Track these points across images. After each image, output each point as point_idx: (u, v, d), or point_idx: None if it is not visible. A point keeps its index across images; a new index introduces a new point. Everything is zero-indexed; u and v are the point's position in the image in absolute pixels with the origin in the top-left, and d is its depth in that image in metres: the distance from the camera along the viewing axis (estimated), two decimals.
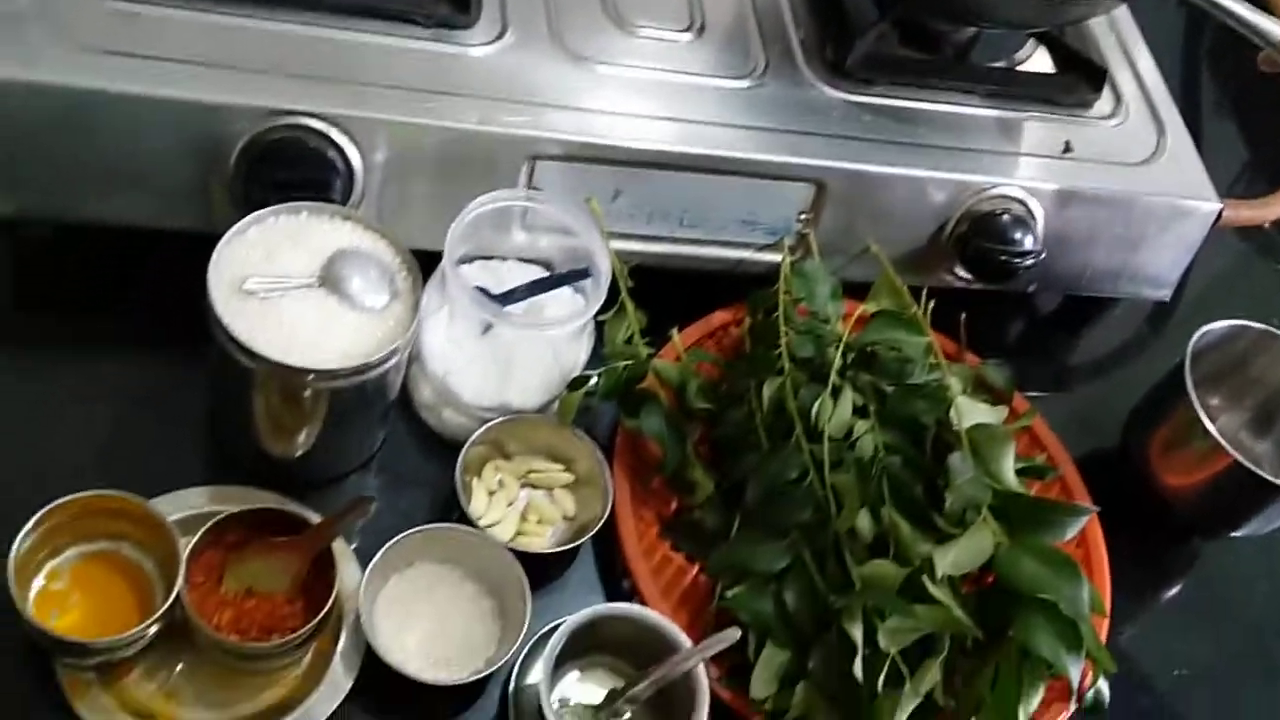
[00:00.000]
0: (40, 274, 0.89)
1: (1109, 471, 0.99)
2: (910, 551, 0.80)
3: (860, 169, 0.91)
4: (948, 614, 0.78)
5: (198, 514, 0.78)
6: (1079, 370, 1.09)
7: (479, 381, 0.85)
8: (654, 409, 0.86)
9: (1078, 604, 0.78)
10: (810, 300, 0.91)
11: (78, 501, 0.72)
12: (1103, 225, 0.98)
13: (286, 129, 0.80)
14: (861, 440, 0.84)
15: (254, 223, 0.77)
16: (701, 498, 0.87)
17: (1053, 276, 1.01)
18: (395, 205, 0.85)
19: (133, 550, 0.76)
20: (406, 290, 0.78)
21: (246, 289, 0.74)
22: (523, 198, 0.86)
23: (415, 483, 0.86)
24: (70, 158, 0.79)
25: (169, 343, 0.86)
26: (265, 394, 0.76)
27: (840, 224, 0.94)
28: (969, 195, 0.94)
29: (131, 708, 0.72)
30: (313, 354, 0.74)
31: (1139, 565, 0.97)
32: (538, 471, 0.87)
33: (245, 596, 0.75)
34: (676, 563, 0.86)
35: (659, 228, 0.91)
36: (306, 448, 0.80)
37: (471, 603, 0.80)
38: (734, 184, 0.90)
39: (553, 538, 0.86)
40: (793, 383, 0.85)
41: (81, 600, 0.74)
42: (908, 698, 0.78)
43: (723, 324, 0.96)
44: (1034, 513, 0.83)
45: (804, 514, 0.81)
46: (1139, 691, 0.92)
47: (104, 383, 0.84)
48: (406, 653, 0.77)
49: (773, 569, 0.81)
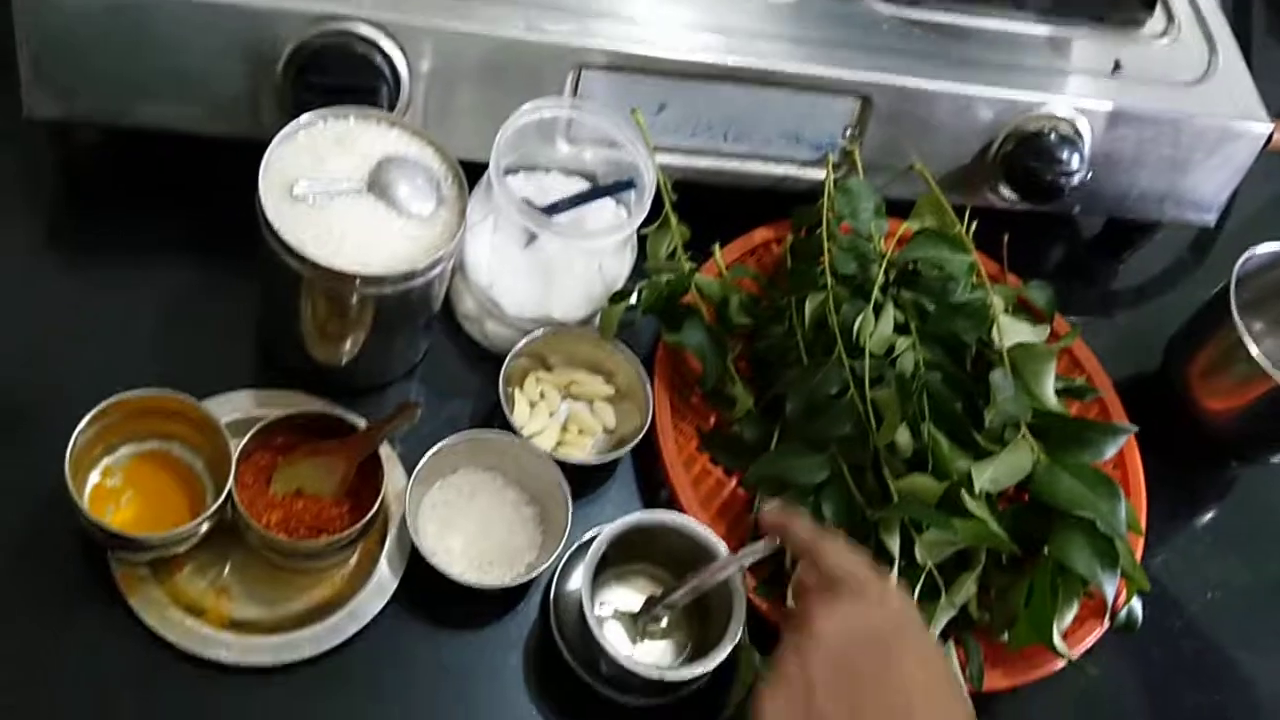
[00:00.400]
0: (92, 178, 0.90)
1: (1148, 395, 0.99)
2: (949, 467, 0.81)
3: (907, 84, 0.90)
4: (985, 528, 0.79)
5: (246, 417, 0.79)
6: (1121, 294, 1.09)
7: (522, 293, 0.86)
8: (695, 324, 0.86)
9: (1115, 521, 0.79)
10: (853, 217, 0.91)
11: (133, 400, 0.74)
12: (1150, 146, 0.97)
13: (334, 35, 0.79)
14: (902, 357, 0.84)
15: (302, 127, 0.77)
16: (741, 412, 0.87)
17: (1098, 198, 1.00)
18: (440, 114, 0.85)
19: (184, 450, 0.77)
20: (453, 198, 0.78)
21: (296, 193, 0.74)
22: (568, 108, 0.85)
23: (458, 393, 0.87)
24: (121, 63, 0.79)
25: (218, 247, 0.87)
26: (312, 299, 0.77)
27: (885, 140, 0.93)
28: (1016, 113, 0.93)
29: (183, 602, 0.74)
30: (360, 259, 0.74)
31: (1175, 488, 0.97)
32: (579, 384, 0.88)
33: (293, 498, 0.77)
34: (715, 475, 0.87)
35: (703, 141, 0.91)
36: (352, 355, 0.81)
37: (513, 509, 0.81)
38: (780, 97, 0.89)
39: (593, 449, 0.87)
40: (835, 299, 0.85)
41: (135, 498, 0.75)
42: (943, 610, 0.79)
43: (764, 241, 0.96)
44: (1073, 432, 0.84)
45: (843, 428, 0.82)
46: (1171, 612, 0.92)
47: (154, 286, 0.85)
48: (450, 556, 0.79)
49: (811, 482, 0.81)
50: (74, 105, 0.81)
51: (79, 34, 0.77)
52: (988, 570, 0.82)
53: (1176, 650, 0.91)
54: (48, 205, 0.88)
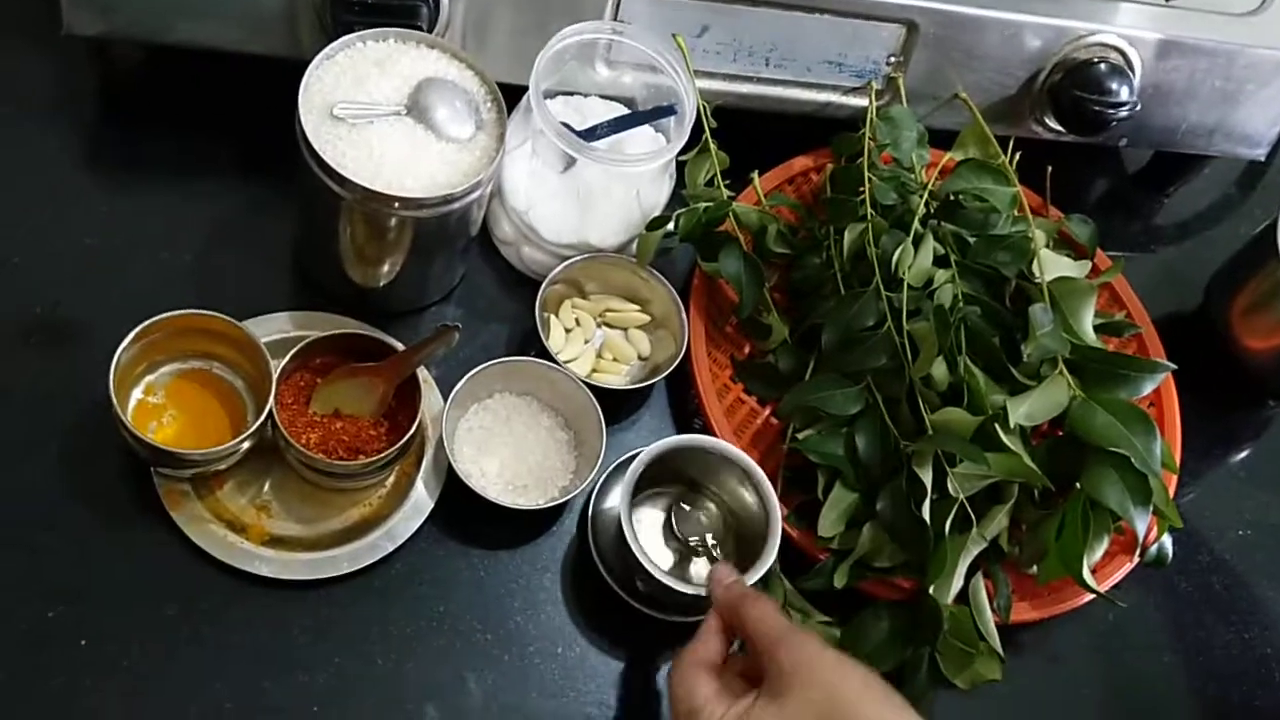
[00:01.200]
0: (131, 96, 0.90)
1: (1188, 332, 0.98)
2: (984, 401, 0.80)
3: (954, 10, 0.89)
4: (1019, 462, 0.78)
5: (285, 337, 0.80)
6: (1165, 229, 1.07)
7: (559, 218, 0.85)
8: (732, 251, 0.85)
9: (1149, 458, 0.79)
10: (895, 147, 0.90)
11: (175, 319, 0.74)
12: (1202, 78, 0.95)
13: None
14: (941, 289, 0.84)
15: (342, 48, 0.76)
16: (776, 342, 0.87)
17: (1146, 131, 0.98)
18: (479, 35, 0.84)
19: (224, 370, 0.78)
20: (492, 122, 0.78)
21: (335, 115, 0.74)
22: (608, 31, 0.84)
23: (494, 318, 0.88)
24: None
25: (258, 168, 0.87)
26: (351, 221, 0.77)
27: (930, 68, 0.91)
28: (1066, 42, 0.91)
29: (224, 518, 0.76)
30: (399, 182, 0.74)
31: (1211, 425, 0.96)
32: (614, 311, 0.88)
33: (332, 418, 0.78)
34: (748, 405, 0.87)
35: (745, 67, 0.90)
36: (390, 277, 0.81)
37: (548, 434, 0.82)
38: (823, 23, 0.88)
39: (627, 376, 0.87)
40: (874, 230, 0.85)
41: (177, 415, 0.76)
42: (974, 542, 0.79)
43: (803, 170, 0.95)
44: (1110, 367, 0.83)
45: (879, 360, 0.81)
46: (1200, 548, 0.92)
47: (194, 204, 0.86)
48: (486, 478, 0.80)
49: (845, 413, 0.82)
50: (113, 22, 0.81)
51: None
52: (1019, 504, 0.82)
53: (1206, 586, 0.91)
54: (88, 123, 0.88)
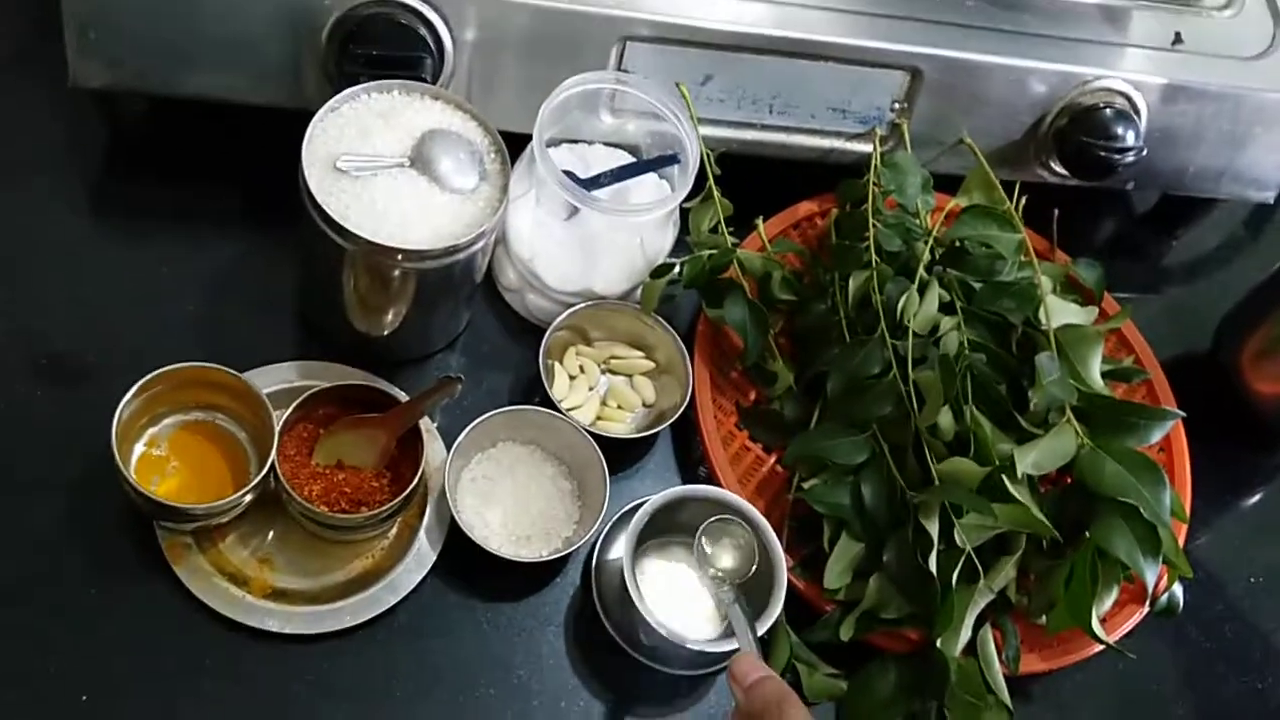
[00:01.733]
0: (138, 147, 0.90)
1: (1198, 376, 0.98)
2: (991, 450, 0.80)
3: (959, 57, 0.89)
4: (1026, 513, 0.78)
5: (289, 388, 0.80)
6: (1173, 272, 1.07)
7: (564, 266, 0.85)
8: (737, 298, 0.85)
9: (1159, 508, 0.78)
10: (900, 193, 0.90)
11: (178, 372, 0.74)
12: (1210, 122, 0.94)
13: (378, 5, 0.79)
14: (946, 337, 0.83)
15: (347, 100, 0.77)
16: (781, 389, 0.87)
17: (1153, 174, 0.98)
18: (484, 86, 0.85)
19: (227, 421, 0.78)
20: (495, 172, 0.78)
21: (339, 167, 0.74)
22: (612, 80, 0.84)
23: (499, 365, 0.87)
24: (166, 31, 0.79)
25: (262, 217, 0.87)
26: (355, 272, 0.77)
27: (934, 114, 0.91)
28: (1071, 87, 0.91)
29: (226, 571, 0.75)
30: (403, 234, 0.74)
31: (1221, 471, 0.95)
32: (619, 358, 0.88)
33: (335, 469, 0.77)
34: (754, 452, 0.87)
35: (749, 114, 0.90)
36: (394, 326, 0.81)
37: (552, 483, 0.82)
38: (827, 70, 0.88)
39: (632, 423, 0.87)
40: (879, 276, 0.84)
41: (180, 467, 0.76)
42: (981, 594, 0.79)
43: (808, 215, 0.95)
44: (1119, 415, 0.82)
45: (885, 409, 0.81)
46: (1213, 596, 0.91)
47: (199, 254, 0.86)
48: (489, 529, 0.79)
49: (851, 462, 0.81)
50: (120, 74, 0.81)
51: (124, 4, 0.78)
52: (1027, 554, 0.81)
53: (1218, 635, 0.90)
54: (93, 174, 0.88)
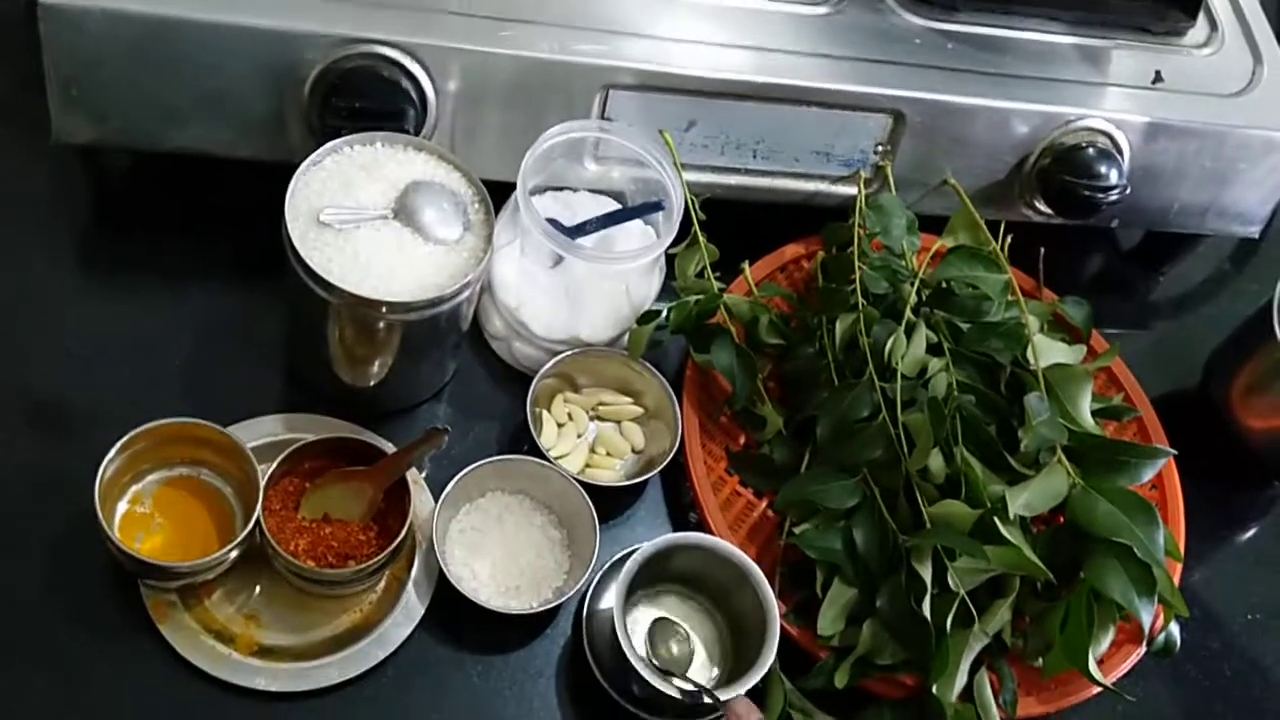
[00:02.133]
0: (122, 201, 0.90)
1: (1188, 412, 0.97)
2: (982, 492, 0.79)
3: (941, 99, 0.89)
4: (1019, 555, 0.77)
5: (274, 441, 0.80)
6: (1160, 308, 1.07)
7: (550, 314, 0.85)
8: (724, 343, 0.85)
9: (1153, 548, 0.78)
10: (885, 235, 0.90)
11: (161, 428, 0.74)
12: (1192, 159, 0.95)
13: (360, 57, 0.79)
14: (935, 378, 0.83)
15: (329, 153, 0.77)
16: (770, 433, 0.87)
17: (1137, 212, 0.98)
18: (468, 135, 0.85)
19: (212, 476, 0.78)
20: (479, 222, 0.78)
21: (323, 220, 0.74)
22: (595, 128, 0.85)
23: (486, 413, 0.87)
24: (149, 87, 0.79)
25: (247, 269, 0.87)
26: (340, 324, 0.77)
27: (918, 156, 0.92)
28: (1053, 127, 0.91)
29: (212, 629, 0.74)
30: (387, 286, 0.74)
31: (1215, 507, 0.95)
32: (607, 404, 0.87)
33: (321, 523, 0.77)
34: (745, 498, 0.86)
35: (733, 159, 0.90)
36: (380, 377, 0.81)
37: (541, 533, 0.81)
38: (810, 114, 0.88)
39: (621, 470, 0.86)
40: (866, 319, 0.84)
41: (164, 524, 0.76)
42: (976, 638, 0.78)
43: (794, 258, 0.95)
44: (1110, 455, 0.82)
45: (875, 452, 0.80)
46: (1210, 634, 0.91)
47: (183, 307, 0.86)
48: (478, 581, 0.78)
49: (842, 506, 0.81)
50: (103, 130, 0.81)
51: (107, 59, 0.78)
52: (1022, 596, 0.80)
53: (1216, 673, 0.89)
54: (80, 228, 0.88)
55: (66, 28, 0.76)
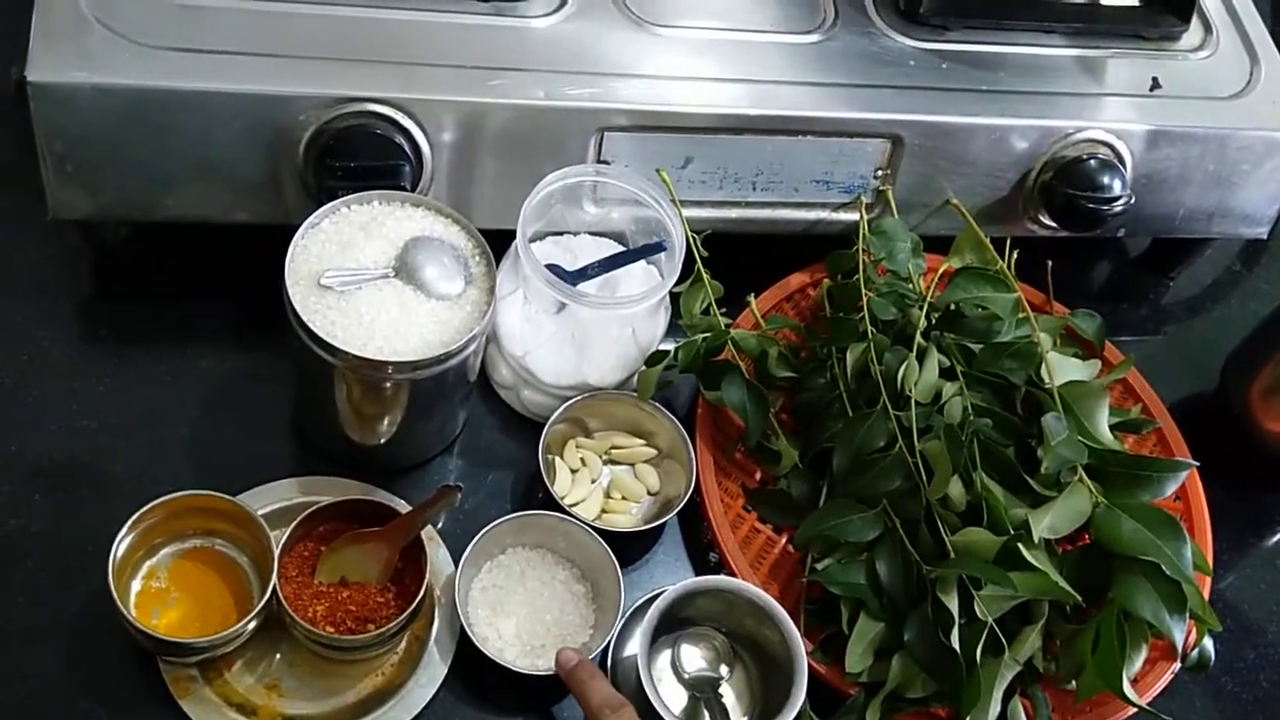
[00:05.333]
0: (123, 271, 0.90)
1: (1207, 417, 0.96)
2: (1004, 517, 0.78)
3: (938, 120, 0.88)
4: (1046, 580, 0.76)
5: (287, 505, 0.79)
6: (1172, 313, 1.06)
7: (556, 361, 0.84)
8: (734, 380, 0.84)
9: (1181, 564, 0.76)
10: (890, 259, 0.89)
11: (171, 502, 0.73)
12: (1195, 164, 0.94)
13: (352, 116, 0.79)
14: (950, 403, 0.82)
15: (327, 214, 0.76)
16: (786, 467, 0.86)
17: (1143, 220, 0.97)
18: (465, 186, 0.84)
19: (226, 546, 0.77)
20: (481, 275, 0.77)
21: (323, 283, 0.73)
22: (592, 172, 0.84)
23: (498, 463, 0.86)
24: (143, 158, 0.79)
25: (252, 332, 0.87)
26: (347, 386, 0.76)
27: (919, 178, 0.91)
28: (1053, 141, 0.91)
29: (234, 701, 0.73)
30: (392, 346, 0.73)
31: (1240, 513, 0.94)
32: (620, 447, 0.87)
33: (339, 587, 0.76)
34: (764, 534, 0.85)
35: (732, 193, 0.89)
36: (390, 435, 0.80)
37: (565, 587, 0.80)
38: (807, 144, 0.88)
39: (638, 513, 0.85)
40: (876, 347, 0.83)
41: (181, 598, 0.75)
42: (1007, 666, 0.77)
43: (800, 286, 0.94)
44: (1132, 470, 0.81)
45: (893, 483, 0.80)
46: (1244, 645, 0.89)
47: (188, 374, 0.85)
48: (503, 641, 0.77)
49: (863, 539, 0.80)
50: (100, 203, 0.81)
51: (99, 133, 0.77)
52: (1051, 619, 0.79)
53: (1254, 684, 0.88)
54: (79, 300, 0.88)
55: (57, 105, 0.76)
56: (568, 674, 0.73)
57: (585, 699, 0.72)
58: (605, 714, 0.70)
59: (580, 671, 0.73)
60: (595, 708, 0.71)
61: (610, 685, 0.73)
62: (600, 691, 0.71)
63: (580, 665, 0.73)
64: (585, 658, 0.74)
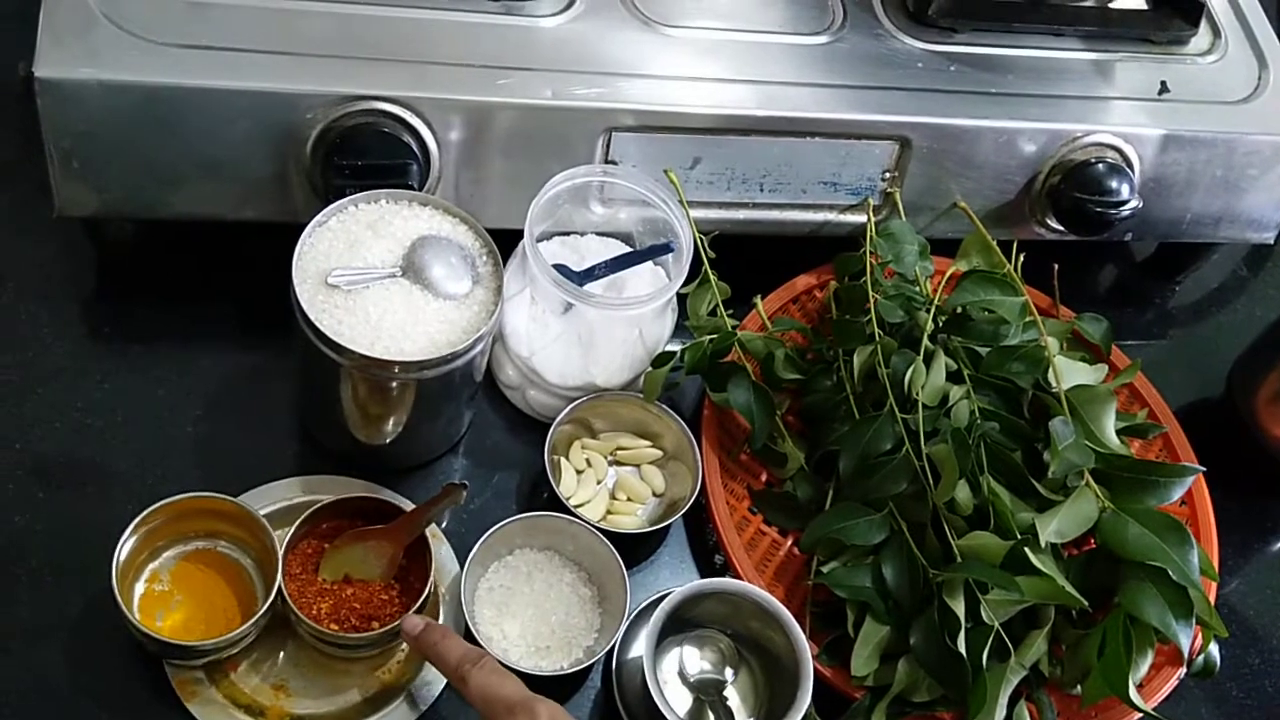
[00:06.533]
0: (129, 269, 0.89)
1: (1213, 422, 0.96)
2: (1011, 521, 0.78)
3: (946, 123, 0.88)
4: (1052, 585, 0.76)
5: (291, 504, 0.79)
6: (1178, 317, 1.06)
7: (563, 361, 0.84)
8: (740, 381, 0.84)
9: (1187, 569, 0.76)
10: (898, 261, 0.89)
11: (174, 505, 0.73)
12: (1203, 168, 0.94)
13: (360, 114, 0.79)
14: (957, 407, 0.82)
15: (334, 213, 0.76)
16: (792, 469, 0.85)
17: (1150, 224, 0.97)
18: (472, 185, 0.84)
19: (230, 546, 0.77)
20: (488, 275, 0.77)
21: (330, 283, 0.73)
22: (599, 173, 0.84)
23: (504, 464, 0.86)
24: (149, 156, 0.79)
25: (257, 331, 0.86)
26: (353, 385, 0.76)
27: (926, 181, 0.91)
28: (1061, 144, 0.90)
29: (242, 703, 0.73)
30: (399, 345, 0.73)
31: (1247, 520, 0.94)
32: (625, 449, 0.86)
33: (343, 584, 0.76)
34: (770, 536, 0.85)
35: (739, 194, 0.89)
36: (395, 435, 0.80)
37: (571, 590, 0.80)
38: (815, 145, 0.87)
39: (643, 514, 0.85)
40: (883, 350, 0.83)
41: (185, 600, 0.74)
42: (1013, 671, 0.76)
43: (806, 288, 0.94)
44: (1138, 475, 0.81)
45: (900, 486, 0.79)
46: (1249, 651, 0.89)
47: (194, 372, 0.85)
48: (508, 641, 0.77)
49: (869, 542, 0.79)
50: (106, 200, 0.80)
51: (106, 130, 0.77)
52: (1057, 623, 0.79)
53: (1259, 690, 0.88)
54: (84, 299, 0.87)
55: (65, 101, 0.75)
56: (416, 639, 0.70)
57: (442, 659, 0.69)
58: (466, 668, 0.67)
59: (430, 634, 0.70)
60: (454, 664, 0.68)
61: (464, 640, 0.70)
62: (455, 648, 0.69)
63: (429, 628, 0.70)
64: (432, 620, 0.72)
